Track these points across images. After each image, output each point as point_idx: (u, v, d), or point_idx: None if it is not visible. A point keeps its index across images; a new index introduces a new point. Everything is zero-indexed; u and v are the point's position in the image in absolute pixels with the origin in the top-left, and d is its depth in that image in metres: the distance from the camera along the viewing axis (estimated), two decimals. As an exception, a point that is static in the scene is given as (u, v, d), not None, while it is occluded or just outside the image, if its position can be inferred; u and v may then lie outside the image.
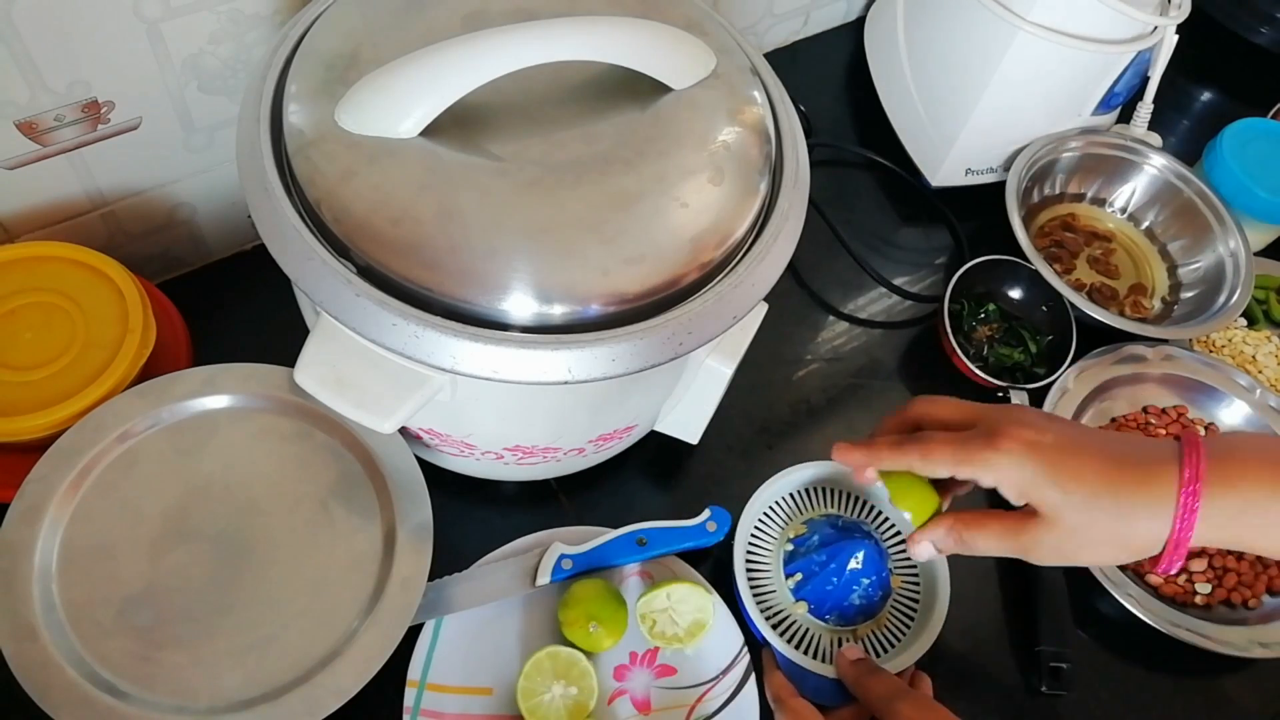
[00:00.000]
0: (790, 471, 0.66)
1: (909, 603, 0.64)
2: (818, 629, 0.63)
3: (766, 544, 0.65)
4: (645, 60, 0.51)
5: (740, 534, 0.64)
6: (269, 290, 0.61)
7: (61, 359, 0.58)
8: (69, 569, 0.53)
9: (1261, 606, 0.69)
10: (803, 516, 0.67)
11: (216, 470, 0.57)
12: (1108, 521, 0.47)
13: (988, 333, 0.77)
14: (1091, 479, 0.47)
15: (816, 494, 0.68)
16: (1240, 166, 0.83)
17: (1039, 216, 0.87)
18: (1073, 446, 0.48)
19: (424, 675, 0.58)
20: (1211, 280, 0.83)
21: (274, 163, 0.49)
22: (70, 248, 0.61)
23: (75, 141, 0.60)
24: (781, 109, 0.57)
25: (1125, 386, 0.78)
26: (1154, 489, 0.46)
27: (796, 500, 0.68)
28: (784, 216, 0.53)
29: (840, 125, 0.93)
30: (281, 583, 0.55)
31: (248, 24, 0.60)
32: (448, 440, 0.58)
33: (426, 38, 0.48)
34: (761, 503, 0.66)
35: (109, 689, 0.50)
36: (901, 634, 0.63)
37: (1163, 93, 0.84)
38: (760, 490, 0.65)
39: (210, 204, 0.70)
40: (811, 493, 0.68)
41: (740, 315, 0.51)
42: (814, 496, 0.68)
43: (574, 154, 0.50)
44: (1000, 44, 0.77)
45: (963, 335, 0.77)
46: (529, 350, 0.46)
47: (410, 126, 0.48)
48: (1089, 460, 0.47)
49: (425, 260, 0.46)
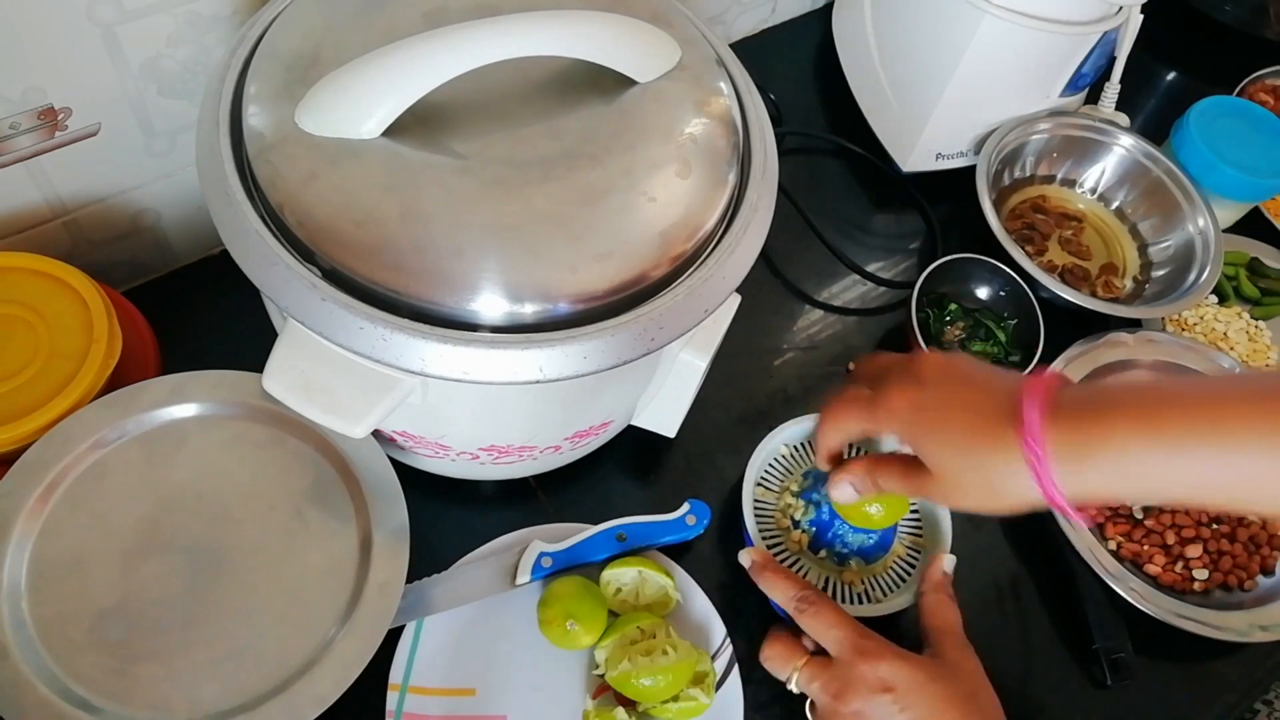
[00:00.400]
0: (809, 418, 0.68)
1: (907, 561, 0.66)
2: (811, 565, 0.65)
3: (770, 485, 0.68)
4: (609, 54, 0.51)
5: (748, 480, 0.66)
6: (237, 295, 0.59)
7: (25, 371, 0.57)
8: (39, 585, 0.52)
9: (1257, 588, 0.70)
10: (806, 466, 0.69)
11: (188, 479, 0.57)
12: (976, 478, 0.48)
13: (956, 333, 0.78)
14: (956, 437, 0.48)
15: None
16: (1207, 144, 0.83)
17: (1010, 199, 0.88)
18: (944, 405, 0.48)
19: (406, 678, 0.58)
20: (1182, 258, 0.84)
21: (235, 166, 0.48)
22: (31, 258, 0.60)
23: (33, 149, 0.59)
24: (748, 99, 0.57)
25: (1113, 375, 0.78)
26: (1005, 448, 0.46)
27: (807, 448, 0.70)
28: (753, 207, 0.53)
29: (810, 113, 0.93)
30: (257, 591, 0.54)
31: (206, 25, 0.59)
32: (422, 442, 0.58)
33: (387, 36, 0.48)
34: (776, 443, 0.68)
35: (83, 705, 0.50)
36: (897, 585, 0.65)
37: (1129, 73, 0.84)
38: (774, 433, 0.67)
39: (174, 209, 0.69)
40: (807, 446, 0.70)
41: (712, 308, 0.51)
42: None
43: (539, 150, 0.50)
44: (967, 27, 0.77)
45: (935, 342, 0.77)
46: (499, 350, 0.46)
47: (372, 127, 0.47)
48: (955, 417, 0.48)
49: (391, 262, 0.46)
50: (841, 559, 0.65)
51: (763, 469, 0.68)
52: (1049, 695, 0.66)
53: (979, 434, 0.47)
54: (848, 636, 0.56)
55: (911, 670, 0.55)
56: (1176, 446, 0.43)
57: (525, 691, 0.59)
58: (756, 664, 0.60)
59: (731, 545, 0.67)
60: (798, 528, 0.66)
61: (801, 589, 0.59)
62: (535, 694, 0.59)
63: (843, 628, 0.56)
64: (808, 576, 0.64)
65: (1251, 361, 0.81)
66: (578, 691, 0.60)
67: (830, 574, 0.65)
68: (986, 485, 0.47)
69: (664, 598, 0.62)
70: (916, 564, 0.66)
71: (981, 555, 0.69)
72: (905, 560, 0.66)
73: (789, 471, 0.69)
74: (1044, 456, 0.44)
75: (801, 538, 0.65)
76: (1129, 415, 0.44)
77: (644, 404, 0.64)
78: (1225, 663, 0.68)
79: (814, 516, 0.65)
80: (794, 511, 0.66)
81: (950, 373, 0.50)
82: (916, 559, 0.66)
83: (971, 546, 0.64)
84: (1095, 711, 0.66)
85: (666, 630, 0.59)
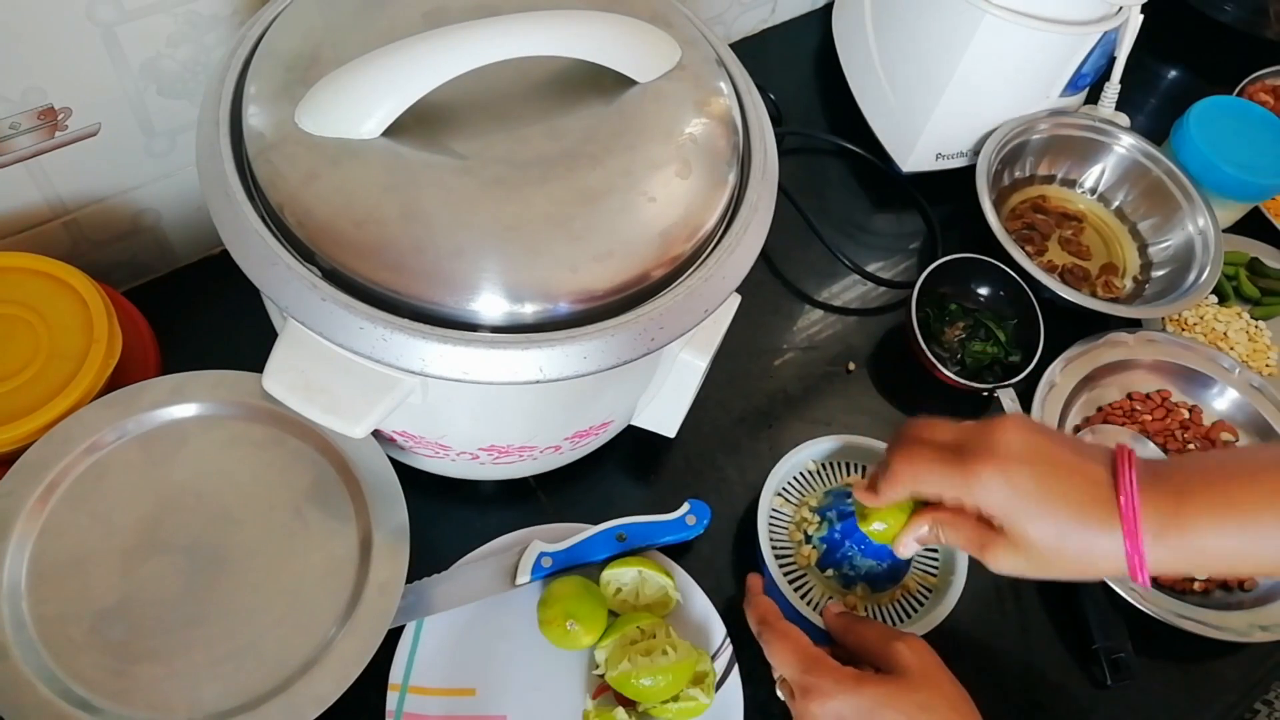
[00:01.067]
0: (821, 440, 0.68)
1: (917, 597, 0.65)
2: (816, 581, 0.65)
3: (790, 497, 0.68)
4: (609, 54, 0.51)
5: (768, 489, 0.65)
6: (237, 295, 0.59)
7: (25, 371, 0.57)
8: (39, 585, 0.52)
9: (1257, 588, 0.70)
10: (830, 485, 0.69)
11: (188, 479, 0.57)
12: (1073, 555, 0.48)
13: (956, 333, 0.78)
14: (1061, 520, 0.48)
15: (855, 468, 0.70)
16: (1207, 144, 0.83)
17: (1010, 199, 0.88)
18: (1042, 487, 0.48)
19: (406, 678, 0.58)
20: (1182, 258, 0.84)
21: (235, 166, 0.48)
22: (31, 258, 0.60)
23: (33, 150, 0.59)
24: (748, 99, 0.57)
25: (1113, 375, 0.78)
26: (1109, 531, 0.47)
27: (834, 468, 0.70)
28: (753, 208, 0.53)
29: (811, 113, 0.93)
30: (257, 591, 0.54)
31: (206, 25, 0.59)
32: (422, 442, 0.58)
33: (387, 36, 0.48)
34: (791, 467, 0.67)
35: (83, 705, 0.50)
36: (902, 619, 0.64)
37: (1129, 73, 0.84)
38: (788, 456, 0.67)
39: (175, 209, 0.69)
40: (851, 466, 0.70)
41: (712, 308, 0.51)
42: (851, 469, 0.70)
43: (539, 150, 0.50)
44: (967, 27, 0.77)
45: (935, 342, 0.77)
46: (499, 350, 0.45)
47: (372, 127, 0.47)
48: (1055, 497, 0.48)
49: (391, 262, 0.46)
50: (848, 581, 0.64)
51: (785, 480, 0.68)
52: (1049, 695, 0.66)
53: (1082, 518, 0.47)
54: (795, 676, 0.55)
55: (862, 700, 0.52)
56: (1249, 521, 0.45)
57: (525, 691, 0.59)
58: (756, 664, 0.60)
59: (733, 546, 0.67)
60: (809, 543, 0.65)
61: (762, 618, 0.58)
62: (535, 694, 0.59)
63: (792, 666, 0.55)
64: (810, 593, 0.64)
65: (1251, 361, 0.81)
66: (578, 691, 0.60)
67: (835, 594, 0.64)
68: (1080, 562, 0.48)
69: (664, 598, 0.62)
70: (927, 603, 0.64)
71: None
72: (915, 596, 0.65)
73: (810, 488, 0.68)
74: (1139, 536, 0.46)
75: (811, 554, 0.65)
76: (1203, 495, 0.46)
77: (644, 404, 0.64)
78: (1225, 663, 0.68)
79: (825, 534, 0.64)
80: (808, 526, 0.65)
81: (1039, 453, 0.49)
82: (927, 598, 0.65)
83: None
84: (1095, 711, 0.65)
85: (666, 630, 0.59)
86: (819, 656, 0.55)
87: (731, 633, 0.62)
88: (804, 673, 0.54)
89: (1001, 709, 0.64)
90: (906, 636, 0.55)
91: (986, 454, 0.49)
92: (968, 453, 0.50)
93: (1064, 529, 0.48)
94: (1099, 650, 0.65)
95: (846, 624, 0.58)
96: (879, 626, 0.58)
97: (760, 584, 0.61)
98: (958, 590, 0.63)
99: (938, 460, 0.51)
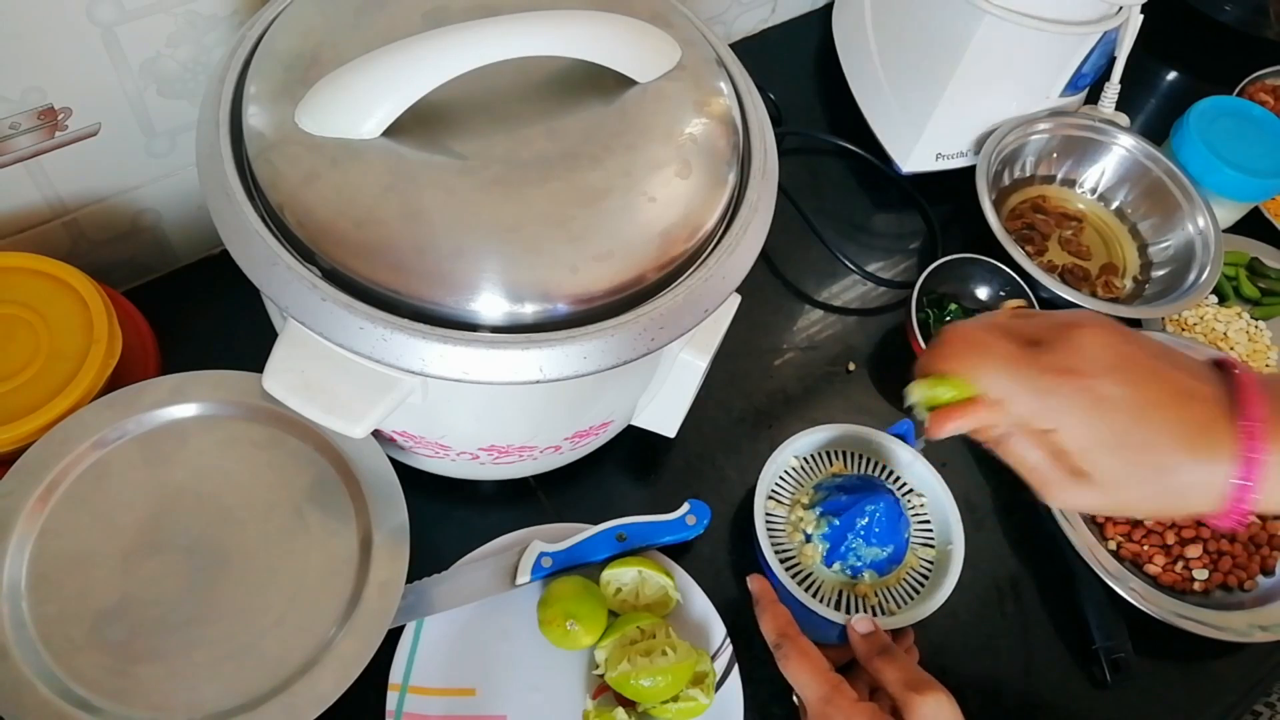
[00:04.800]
0: (819, 430, 0.68)
1: (920, 573, 0.65)
2: (825, 577, 0.64)
3: (781, 499, 0.67)
4: (609, 54, 0.51)
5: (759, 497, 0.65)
6: (238, 295, 0.59)
7: (25, 371, 0.57)
8: (39, 585, 0.53)
9: (1257, 588, 0.70)
10: (817, 478, 0.68)
11: (188, 479, 0.57)
12: (1173, 487, 0.42)
13: None
14: (1163, 442, 0.41)
15: (835, 455, 0.69)
16: (1207, 144, 0.83)
17: (1010, 199, 0.88)
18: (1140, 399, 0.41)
19: (406, 678, 0.58)
20: (1182, 258, 0.84)
21: (235, 166, 0.48)
22: (31, 258, 0.60)
23: (32, 149, 0.59)
24: (748, 99, 0.57)
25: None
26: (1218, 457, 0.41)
27: (817, 460, 0.69)
28: (753, 208, 0.53)
29: (811, 113, 0.93)
30: (257, 591, 0.54)
31: (206, 25, 0.59)
32: (422, 442, 0.58)
33: (387, 36, 0.48)
34: (787, 456, 0.67)
35: (83, 705, 0.50)
36: (910, 597, 0.64)
37: (1129, 73, 0.84)
38: (784, 446, 0.66)
39: (175, 209, 0.69)
40: (831, 455, 0.69)
41: (712, 308, 0.51)
42: (832, 458, 0.69)
43: (539, 150, 0.50)
44: (967, 27, 0.77)
45: None
46: (499, 350, 0.46)
47: (372, 127, 0.47)
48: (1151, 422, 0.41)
49: (391, 262, 0.46)
50: (855, 572, 0.64)
51: (773, 483, 0.67)
52: (1049, 695, 0.66)
53: (1190, 447, 0.41)
54: (812, 704, 0.53)
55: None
56: None
57: (525, 691, 0.59)
58: (756, 664, 0.60)
59: (733, 547, 0.67)
60: (810, 541, 0.65)
61: (782, 631, 0.56)
62: (535, 694, 0.59)
63: (810, 690, 0.54)
64: (821, 590, 0.64)
65: (1252, 361, 0.81)
66: (578, 691, 0.60)
67: (844, 587, 0.64)
68: (1174, 496, 0.42)
69: (664, 598, 0.62)
70: (930, 574, 0.65)
71: (981, 555, 0.69)
72: (919, 571, 0.65)
73: (799, 484, 0.68)
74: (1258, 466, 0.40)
75: (815, 552, 0.65)
76: None
77: (644, 404, 0.64)
78: (1225, 663, 0.68)
79: (826, 530, 0.64)
80: (806, 525, 0.65)
81: (1132, 365, 0.42)
82: (930, 569, 0.65)
83: (971, 546, 0.64)
84: (1095, 711, 0.65)
85: (666, 630, 0.59)
86: (837, 685, 0.53)
87: (731, 633, 0.62)
88: (823, 701, 0.53)
89: (1002, 708, 0.65)
90: (928, 685, 0.52)
91: (1066, 365, 0.42)
92: (1044, 355, 0.43)
93: (1163, 460, 0.41)
94: (1099, 650, 0.65)
95: (869, 652, 0.56)
96: (898, 666, 0.54)
97: (770, 589, 0.60)
98: (958, 563, 0.63)
99: (1009, 354, 0.43)
